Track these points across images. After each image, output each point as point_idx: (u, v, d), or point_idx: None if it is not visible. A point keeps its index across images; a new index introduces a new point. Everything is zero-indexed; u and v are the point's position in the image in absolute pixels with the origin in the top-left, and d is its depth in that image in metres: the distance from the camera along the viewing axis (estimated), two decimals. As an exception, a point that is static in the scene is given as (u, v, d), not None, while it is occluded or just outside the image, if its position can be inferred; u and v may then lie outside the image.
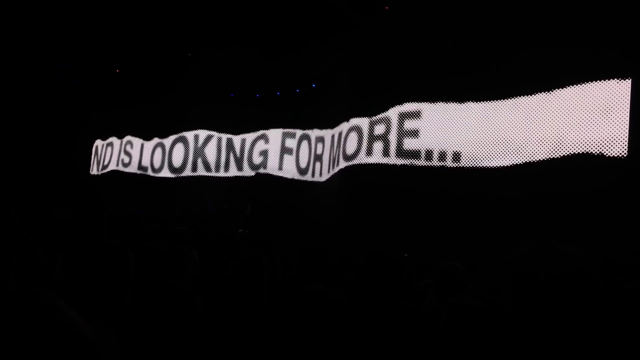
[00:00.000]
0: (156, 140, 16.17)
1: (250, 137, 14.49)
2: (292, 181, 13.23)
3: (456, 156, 9.61)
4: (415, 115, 10.32)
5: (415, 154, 10.21)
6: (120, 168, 16.87)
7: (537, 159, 8.58)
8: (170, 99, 15.30)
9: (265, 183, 13.67)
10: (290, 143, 13.73)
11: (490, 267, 4.24)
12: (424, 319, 2.40)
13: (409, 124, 10.40)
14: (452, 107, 9.81)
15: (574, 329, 1.38)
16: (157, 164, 16.13)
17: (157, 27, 12.39)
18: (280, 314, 2.09)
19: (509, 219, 8.34)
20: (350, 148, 11.45)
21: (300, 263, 2.59)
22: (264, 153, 14.25)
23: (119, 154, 17.10)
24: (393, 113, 10.65)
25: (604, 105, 7.93)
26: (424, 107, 10.21)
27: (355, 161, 11.28)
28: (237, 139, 14.80)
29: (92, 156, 17.73)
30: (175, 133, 15.60)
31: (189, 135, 15.40)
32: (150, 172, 16.28)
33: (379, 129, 10.90)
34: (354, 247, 6.37)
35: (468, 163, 9.50)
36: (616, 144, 7.77)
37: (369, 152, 10.96)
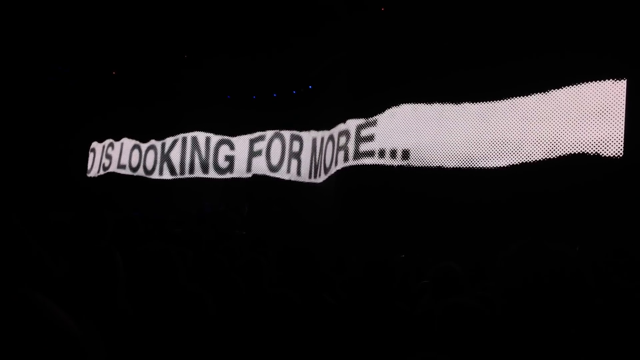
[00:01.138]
0: (151, 142, 16.19)
1: (237, 140, 14.62)
2: (289, 182, 13.24)
3: (459, 157, 9.63)
4: (409, 115, 10.35)
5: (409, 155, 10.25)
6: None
7: (534, 160, 8.61)
8: (167, 101, 15.29)
9: (262, 184, 13.67)
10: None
11: (486, 266, 4.26)
12: (420, 319, 2.40)
13: (410, 124, 10.43)
14: (449, 108, 9.83)
15: (567, 328, 1.39)
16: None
17: (153, 29, 12.38)
18: (272, 314, 2.09)
19: (505, 219, 8.36)
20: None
21: (285, 263, 2.60)
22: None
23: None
24: (384, 116, 10.68)
25: (600, 106, 7.96)
26: (420, 108, 10.23)
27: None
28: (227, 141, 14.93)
29: (89, 158, 17.72)
30: (172, 135, 15.61)
31: (180, 137, 15.49)
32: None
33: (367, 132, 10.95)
34: (351, 248, 6.37)
35: (464, 164, 9.53)
36: (612, 144, 7.80)
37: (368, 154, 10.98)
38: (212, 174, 14.93)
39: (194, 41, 12.84)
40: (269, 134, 13.99)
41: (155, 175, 15.91)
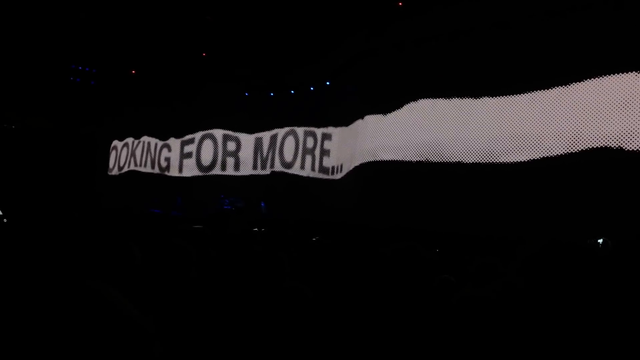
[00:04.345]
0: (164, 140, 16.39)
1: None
2: (307, 179, 13.26)
3: (478, 152, 9.56)
4: (427, 110, 10.30)
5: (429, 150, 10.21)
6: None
7: (555, 154, 8.51)
8: (185, 99, 15.41)
9: (280, 181, 13.71)
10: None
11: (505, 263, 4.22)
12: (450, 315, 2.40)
13: (429, 119, 10.38)
14: (467, 102, 9.75)
15: (586, 326, 1.38)
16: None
17: (171, 28, 12.48)
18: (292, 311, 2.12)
19: (527, 214, 8.29)
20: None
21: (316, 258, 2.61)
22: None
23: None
24: (408, 111, 10.65)
25: (622, 99, 7.85)
26: (439, 102, 10.17)
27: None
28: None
29: (110, 157, 17.94)
30: (191, 133, 15.73)
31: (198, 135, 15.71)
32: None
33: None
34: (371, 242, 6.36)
35: (484, 159, 9.45)
36: (635, 138, 7.68)
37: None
38: (230, 171, 15.04)
39: (212, 39, 12.90)
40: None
41: (174, 173, 16.06)
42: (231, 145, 15.03)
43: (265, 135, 14.48)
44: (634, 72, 7.76)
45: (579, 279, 1.44)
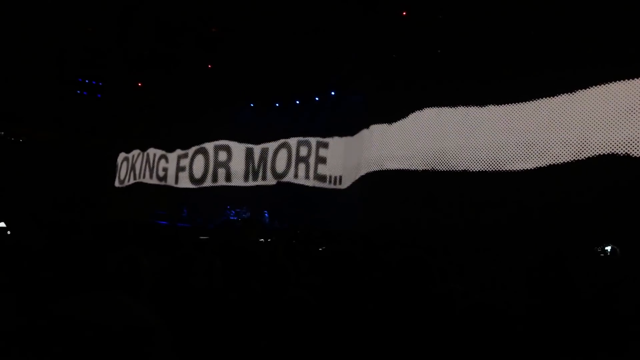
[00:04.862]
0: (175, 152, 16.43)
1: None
2: (312, 189, 13.26)
3: (484, 160, 9.54)
4: (433, 119, 10.29)
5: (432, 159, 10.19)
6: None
7: (562, 161, 8.48)
8: (192, 111, 15.46)
9: (286, 191, 13.71)
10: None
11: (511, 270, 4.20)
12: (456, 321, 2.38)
13: (435, 128, 10.36)
14: (473, 110, 9.75)
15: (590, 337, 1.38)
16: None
17: (175, 40, 12.57)
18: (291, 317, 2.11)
19: (533, 222, 8.24)
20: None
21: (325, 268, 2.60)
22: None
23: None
24: (416, 118, 10.65)
25: (629, 105, 7.82)
26: (444, 111, 10.17)
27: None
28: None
29: (117, 169, 18.01)
30: (197, 144, 15.78)
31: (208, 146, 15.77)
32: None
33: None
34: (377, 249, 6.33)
35: (490, 167, 9.43)
36: (642, 144, 7.65)
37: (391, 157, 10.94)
38: (235, 182, 15.07)
39: (217, 49, 12.97)
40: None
41: (181, 184, 16.10)
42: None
43: (261, 146, 14.57)
44: (639, 78, 7.74)
45: (584, 287, 1.44)
